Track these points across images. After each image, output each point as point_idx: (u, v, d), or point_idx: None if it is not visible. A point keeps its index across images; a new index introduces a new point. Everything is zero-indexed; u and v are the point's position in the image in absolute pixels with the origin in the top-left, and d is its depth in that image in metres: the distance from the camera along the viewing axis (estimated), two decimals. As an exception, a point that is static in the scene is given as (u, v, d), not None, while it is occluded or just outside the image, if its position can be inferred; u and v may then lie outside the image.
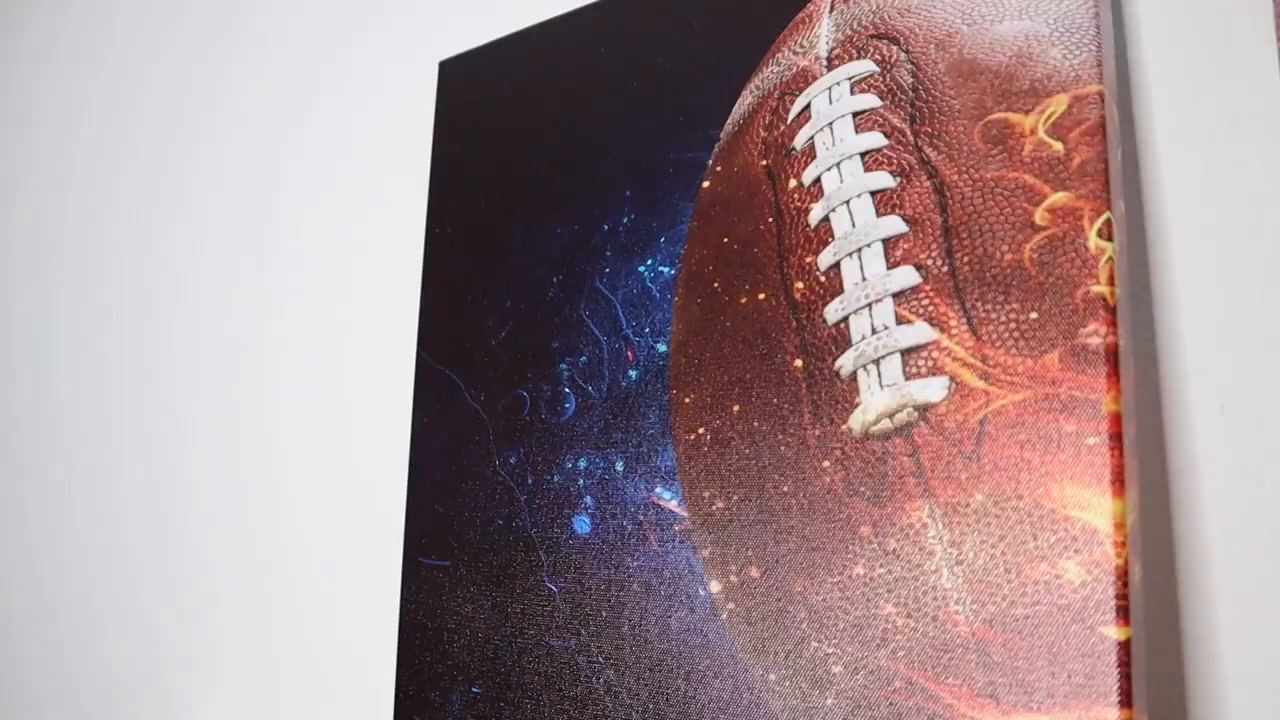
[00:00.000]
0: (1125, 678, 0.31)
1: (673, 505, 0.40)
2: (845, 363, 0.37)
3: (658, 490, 0.41)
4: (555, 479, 0.44)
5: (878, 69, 0.38)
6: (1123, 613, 0.31)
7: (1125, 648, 0.31)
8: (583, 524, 0.43)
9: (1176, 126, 0.36)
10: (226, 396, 0.71)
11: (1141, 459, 0.36)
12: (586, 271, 0.45)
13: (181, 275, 0.78)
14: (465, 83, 0.53)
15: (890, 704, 0.34)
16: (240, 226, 0.74)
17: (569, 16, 0.50)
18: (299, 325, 0.67)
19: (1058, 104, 0.34)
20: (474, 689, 0.44)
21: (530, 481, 0.45)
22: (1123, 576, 0.31)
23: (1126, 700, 0.30)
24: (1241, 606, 0.34)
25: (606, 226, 0.44)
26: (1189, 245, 0.36)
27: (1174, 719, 0.34)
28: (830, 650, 0.35)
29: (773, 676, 0.36)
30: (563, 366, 0.44)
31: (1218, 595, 0.34)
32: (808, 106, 0.40)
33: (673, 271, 0.42)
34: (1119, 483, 0.31)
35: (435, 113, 0.53)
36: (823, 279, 0.38)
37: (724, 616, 0.38)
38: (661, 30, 0.45)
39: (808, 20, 0.41)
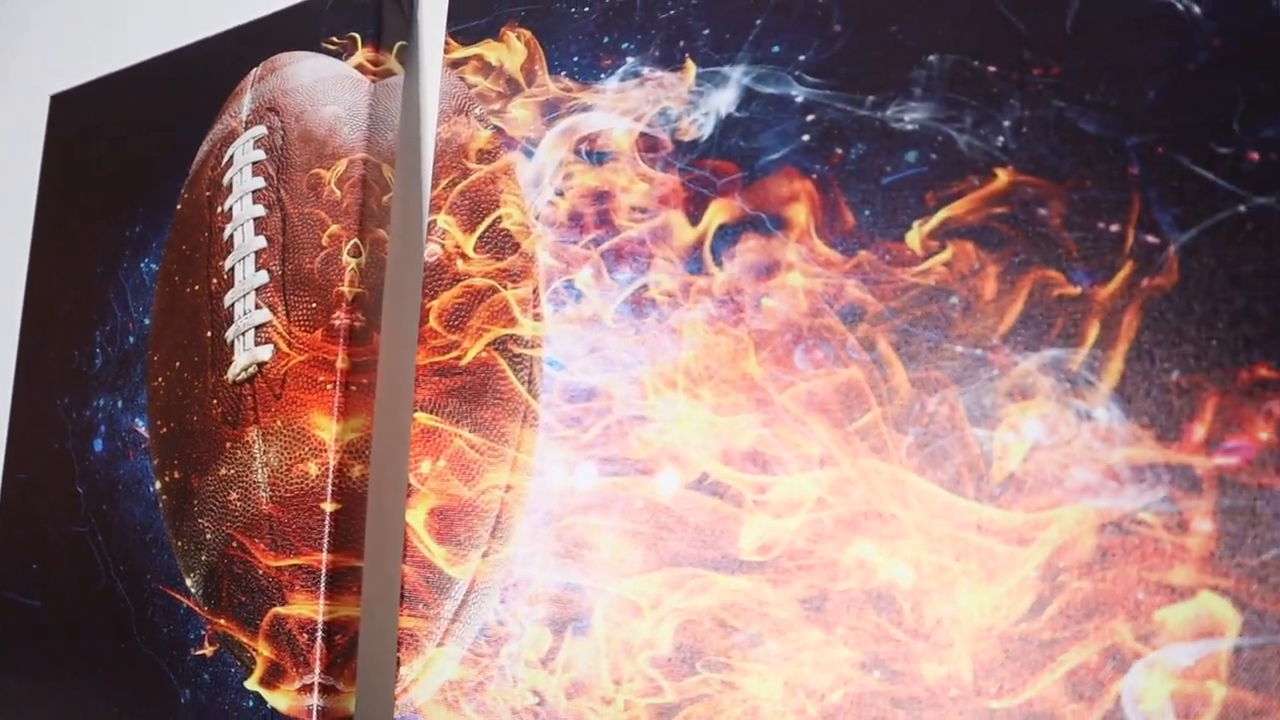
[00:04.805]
0: (333, 535, 0.49)
1: (143, 430, 0.58)
2: (230, 334, 0.54)
3: (137, 420, 0.58)
4: (86, 413, 0.61)
5: (267, 132, 0.56)
6: (335, 495, 0.49)
7: (334, 516, 0.49)
8: (99, 445, 0.60)
9: (426, 183, 0.54)
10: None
11: (385, 398, 0.54)
12: (114, 266, 0.62)
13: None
14: (70, 113, 0.69)
15: (230, 558, 0.52)
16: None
17: (146, 63, 0.66)
18: None
19: (341, 165, 0.52)
20: (33, 565, 0.62)
21: (74, 415, 0.62)
22: (336, 473, 0.49)
23: (333, 548, 0.49)
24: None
25: (128, 234, 0.62)
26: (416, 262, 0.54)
27: (387, 562, 0.52)
28: (207, 524, 0.53)
29: (180, 542, 0.54)
30: (97, 333, 0.62)
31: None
32: (231, 156, 0.57)
33: (157, 268, 0.59)
34: (342, 413, 0.49)
35: (45, 137, 0.69)
36: (226, 277, 0.55)
37: (161, 505, 0.56)
38: (180, 87, 0.62)
39: (240, 92, 0.58)
